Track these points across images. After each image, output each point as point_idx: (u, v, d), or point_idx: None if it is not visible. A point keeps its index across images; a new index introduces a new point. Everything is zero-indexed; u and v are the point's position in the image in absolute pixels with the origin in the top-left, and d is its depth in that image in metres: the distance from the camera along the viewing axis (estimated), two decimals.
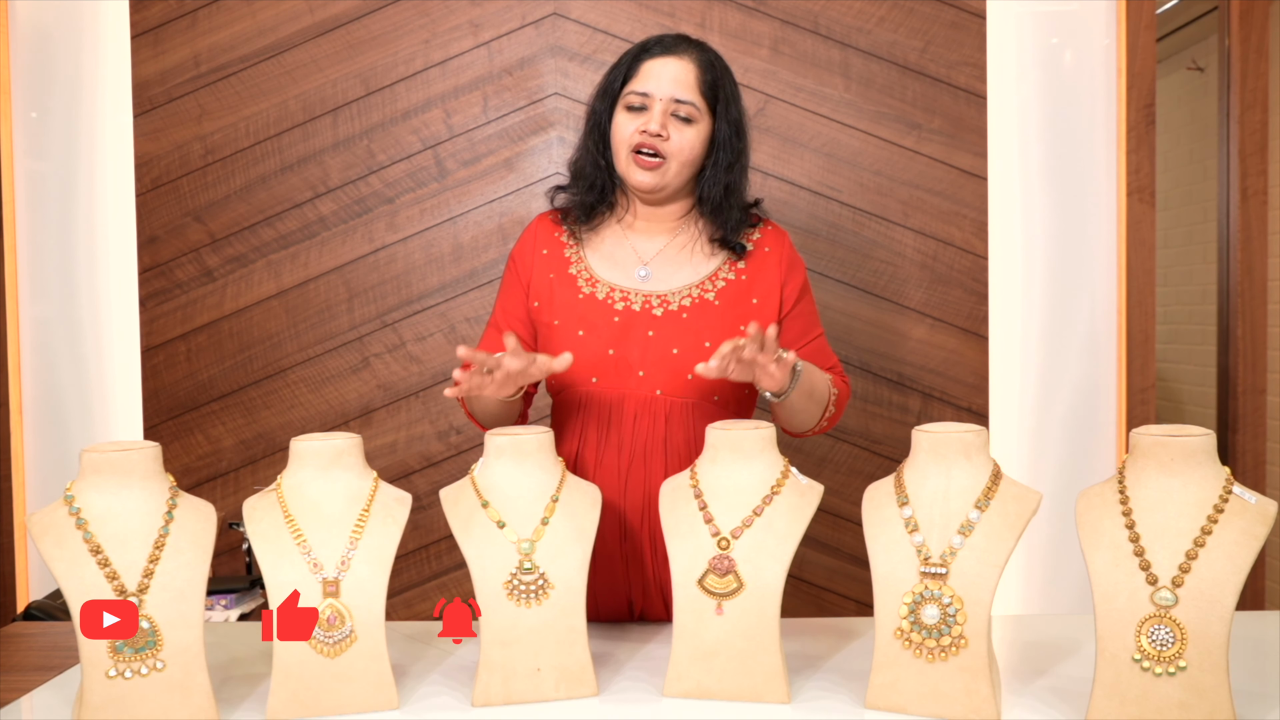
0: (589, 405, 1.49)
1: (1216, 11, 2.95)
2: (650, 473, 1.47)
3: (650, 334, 1.48)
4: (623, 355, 1.48)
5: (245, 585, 2.26)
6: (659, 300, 1.50)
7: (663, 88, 1.48)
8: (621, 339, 1.48)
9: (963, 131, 2.50)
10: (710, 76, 1.51)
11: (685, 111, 1.48)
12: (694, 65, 1.50)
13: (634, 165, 1.49)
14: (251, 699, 1.22)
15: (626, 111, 1.50)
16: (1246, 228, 2.58)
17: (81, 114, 2.58)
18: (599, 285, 1.52)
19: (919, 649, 1.13)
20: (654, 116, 1.47)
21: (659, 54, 1.50)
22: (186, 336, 2.58)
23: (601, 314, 1.49)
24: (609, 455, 1.48)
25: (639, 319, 1.49)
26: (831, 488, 2.50)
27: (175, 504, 1.16)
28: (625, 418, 1.48)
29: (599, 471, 1.48)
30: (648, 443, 1.47)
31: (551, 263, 1.56)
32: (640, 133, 1.48)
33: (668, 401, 1.47)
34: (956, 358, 2.52)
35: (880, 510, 1.19)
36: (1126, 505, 1.09)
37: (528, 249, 1.59)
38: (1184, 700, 1.02)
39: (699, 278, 1.52)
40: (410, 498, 1.26)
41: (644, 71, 1.50)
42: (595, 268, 1.54)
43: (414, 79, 2.53)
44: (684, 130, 1.48)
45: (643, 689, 1.23)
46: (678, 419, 1.48)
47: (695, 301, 1.49)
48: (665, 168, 1.49)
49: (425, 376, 2.55)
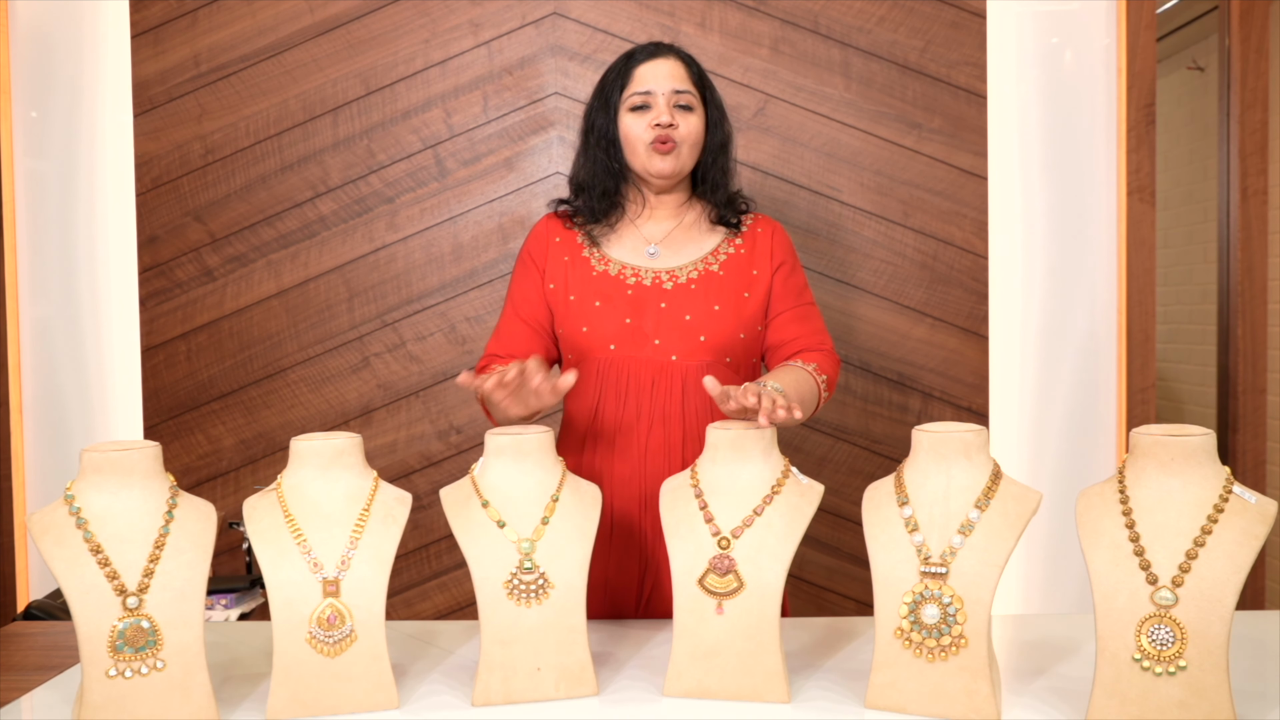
0: (607, 372, 1.58)
1: (1217, 11, 2.95)
2: (670, 436, 1.55)
3: (663, 305, 1.58)
4: (638, 324, 1.57)
5: (245, 585, 2.26)
6: (668, 275, 1.61)
7: (662, 84, 1.60)
8: (636, 309, 1.58)
9: (963, 131, 2.50)
10: (695, 70, 1.65)
11: (685, 100, 1.61)
12: (680, 62, 1.64)
13: (654, 155, 1.60)
14: (252, 698, 1.22)
15: (632, 113, 1.61)
16: (1247, 227, 2.58)
17: (81, 113, 2.58)
18: (611, 264, 1.63)
19: (919, 648, 1.13)
20: (661, 110, 1.59)
21: (648, 58, 1.63)
22: (187, 336, 2.58)
23: (616, 287, 1.60)
24: (628, 420, 1.56)
25: (651, 292, 1.59)
26: (832, 487, 2.50)
27: (175, 503, 1.16)
28: (644, 384, 1.56)
29: (618, 438, 1.57)
30: (666, 407, 1.56)
31: (565, 248, 1.66)
32: (653, 126, 1.59)
33: (683, 366, 1.57)
34: (957, 357, 2.52)
35: (880, 510, 1.19)
36: (1126, 505, 1.09)
37: (541, 238, 1.68)
38: (1184, 700, 1.02)
39: (703, 253, 1.64)
40: (410, 497, 1.26)
41: (639, 75, 1.62)
42: (607, 250, 1.65)
43: (414, 78, 2.53)
44: (688, 117, 1.61)
45: (643, 688, 1.24)
46: (694, 384, 1.57)
47: (702, 273, 1.61)
48: (679, 152, 1.61)
49: (425, 376, 2.55)
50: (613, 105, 1.63)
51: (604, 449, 1.57)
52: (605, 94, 1.64)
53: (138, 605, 1.10)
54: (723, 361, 1.58)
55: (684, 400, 1.55)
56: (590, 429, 1.58)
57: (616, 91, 1.63)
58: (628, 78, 1.62)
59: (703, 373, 1.55)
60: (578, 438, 1.60)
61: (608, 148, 1.64)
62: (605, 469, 1.56)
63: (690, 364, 1.56)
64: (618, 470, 1.56)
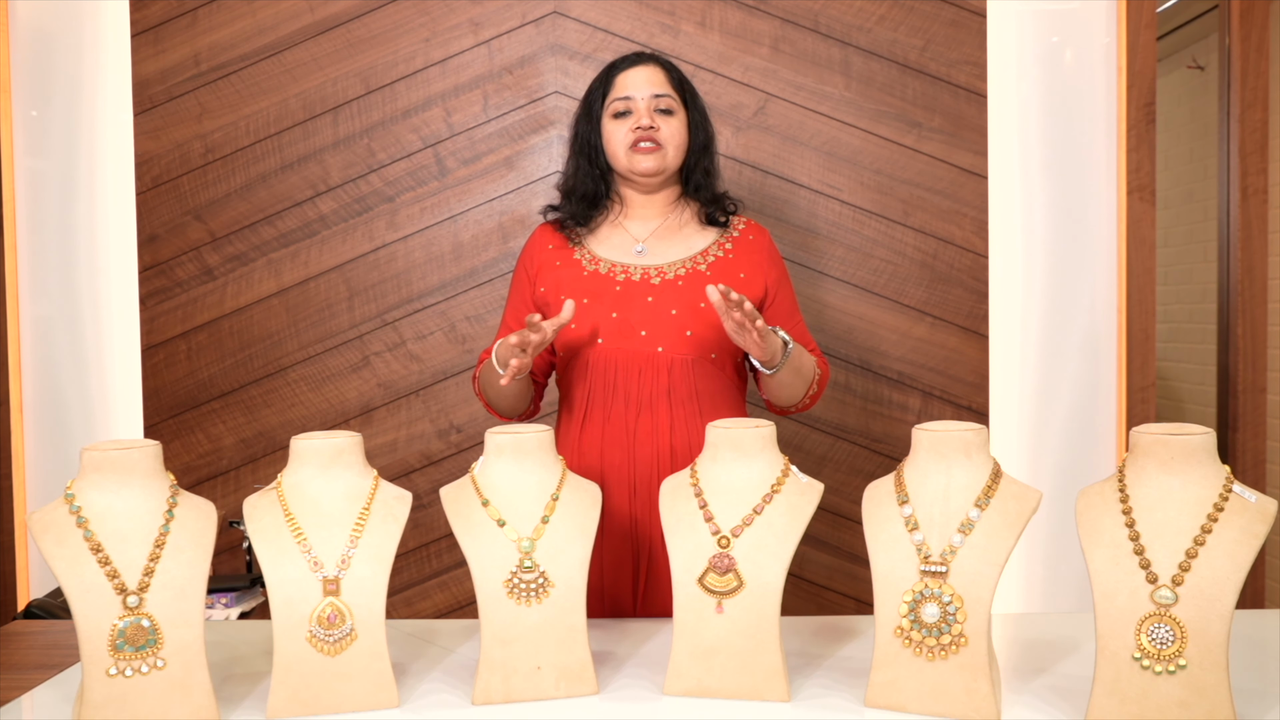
0: (594, 365, 1.62)
1: (1217, 10, 2.95)
2: (657, 422, 1.59)
3: (650, 299, 1.62)
4: (625, 318, 1.61)
5: (245, 584, 2.26)
6: (656, 271, 1.65)
7: (641, 90, 1.66)
8: (623, 304, 1.62)
9: (963, 130, 2.50)
10: (676, 75, 1.71)
11: (665, 104, 1.67)
12: (660, 68, 1.70)
13: (635, 155, 1.65)
14: (252, 697, 1.22)
15: (614, 119, 1.68)
16: (1247, 226, 2.58)
17: (82, 112, 2.58)
18: (601, 263, 1.67)
19: (919, 647, 1.13)
20: (641, 114, 1.65)
21: (628, 66, 1.69)
22: (187, 335, 2.58)
23: (604, 284, 1.64)
24: (616, 408, 1.60)
25: (638, 287, 1.63)
26: (831, 486, 2.50)
27: (176, 502, 1.16)
28: (631, 373, 1.60)
29: (607, 425, 1.60)
30: (653, 394, 1.60)
31: (557, 254, 1.71)
32: (633, 130, 1.65)
33: (669, 357, 1.60)
34: (957, 356, 2.52)
35: (880, 509, 1.19)
36: (1126, 504, 1.09)
37: (534, 247, 1.74)
38: (1184, 699, 1.02)
39: (692, 253, 1.68)
40: (410, 496, 1.26)
41: (620, 83, 1.68)
42: (597, 250, 1.70)
43: (414, 77, 2.53)
44: (669, 120, 1.67)
45: (643, 687, 1.24)
46: (680, 373, 1.60)
47: (689, 271, 1.65)
48: (663, 152, 1.66)
49: (425, 375, 2.55)
50: (595, 113, 1.70)
51: (593, 438, 1.61)
52: (589, 103, 1.71)
53: (138, 604, 1.10)
54: (708, 357, 1.62)
55: (670, 387, 1.59)
56: (581, 422, 1.62)
57: (599, 99, 1.69)
58: (609, 85, 1.68)
59: (688, 365, 1.60)
60: (571, 431, 1.64)
61: (591, 154, 1.71)
62: (595, 457, 1.60)
63: (676, 356, 1.60)
64: (607, 458, 1.60)
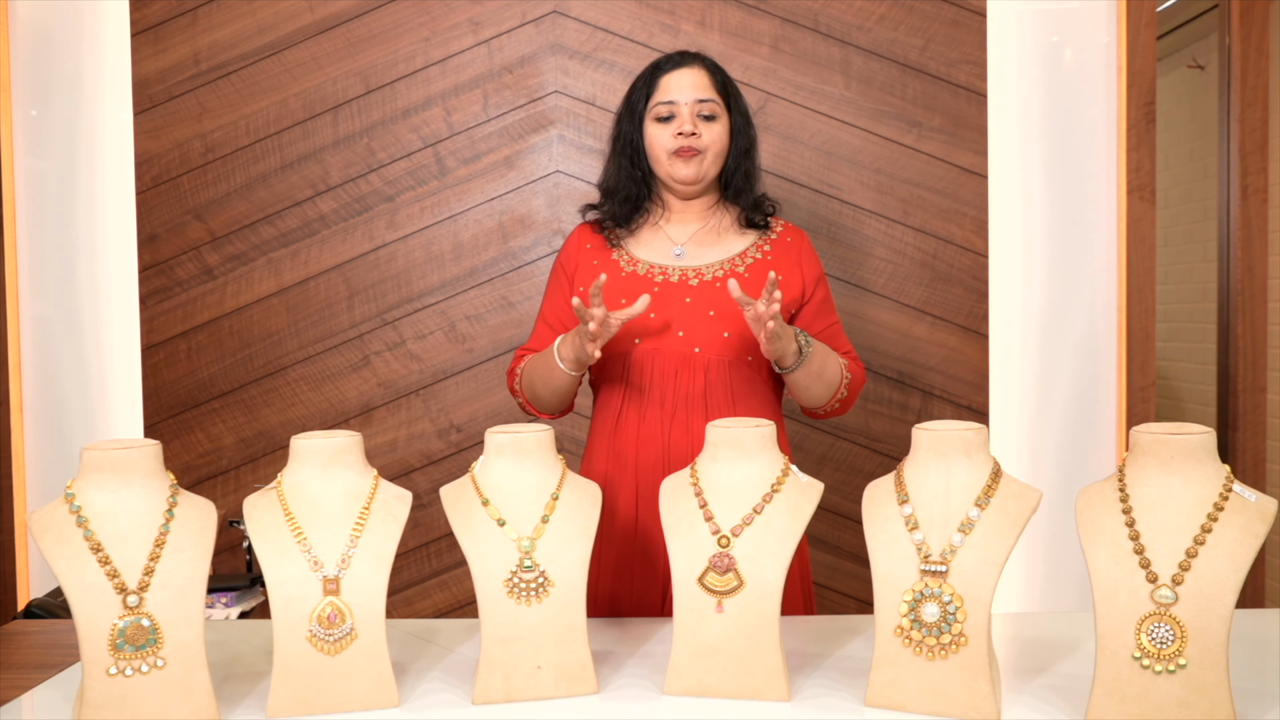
0: (631, 365, 1.63)
1: (1217, 9, 2.95)
2: (693, 422, 1.59)
3: (687, 300, 1.63)
4: (663, 318, 1.62)
5: (246, 583, 2.26)
6: (694, 273, 1.65)
7: (685, 94, 1.65)
8: (662, 304, 1.62)
9: (963, 129, 2.50)
10: (720, 77, 1.69)
11: (708, 110, 1.65)
12: (705, 70, 1.67)
13: (676, 162, 1.65)
14: (252, 697, 1.22)
15: (657, 123, 1.66)
16: (1247, 226, 2.58)
17: (82, 112, 2.58)
18: (639, 264, 1.68)
19: (919, 647, 1.13)
20: (684, 119, 1.64)
21: (673, 68, 1.67)
22: (187, 334, 2.58)
23: (643, 285, 1.64)
24: (651, 408, 1.61)
25: (676, 288, 1.64)
26: (831, 486, 2.50)
27: (176, 502, 1.16)
28: (667, 374, 1.61)
29: (642, 425, 1.61)
30: (689, 394, 1.60)
31: (595, 253, 1.72)
32: (676, 135, 1.64)
33: (706, 358, 1.61)
34: (957, 356, 2.52)
35: (880, 508, 1.19)
36: (1126, 503, 1.09)
37: (573, 247, 1.74)
38: (1184, 698, 1.02)
39: (730, 255, 1.68)
40: (410, 495, 1.26)
41: (664, 85, 1.66)
42: (635, 252, 1.70)
43: (414, 77, 2.53)
44: (711, 126, 1.65)
45: (643, 687, 1.24)
46: (716, 374, 1.61)
47: (728, 273, 1.65)
48: (702, 158, 1.65)
49: (425, 374, 2.55)
50: (638, 114, 1.68)
51: (628, 438, 1.61)
52: (632, 103, 1.69)
53: (138, 603, 1.10)
54: (745, 359, 1.63)
55: (706, 388, 1.60)
56: (615, 421, 1.63)
57: (642, 101, 1.68)
58: (653, 87, 1.67)
59: (724, 366, 1.61)
60: (605, 430, 1.65)
61: (633, 155, 1.70)
62: (630, 457, 1.61)
63: (712, 356, 1.60)
64: (642, 458, 1.60)
